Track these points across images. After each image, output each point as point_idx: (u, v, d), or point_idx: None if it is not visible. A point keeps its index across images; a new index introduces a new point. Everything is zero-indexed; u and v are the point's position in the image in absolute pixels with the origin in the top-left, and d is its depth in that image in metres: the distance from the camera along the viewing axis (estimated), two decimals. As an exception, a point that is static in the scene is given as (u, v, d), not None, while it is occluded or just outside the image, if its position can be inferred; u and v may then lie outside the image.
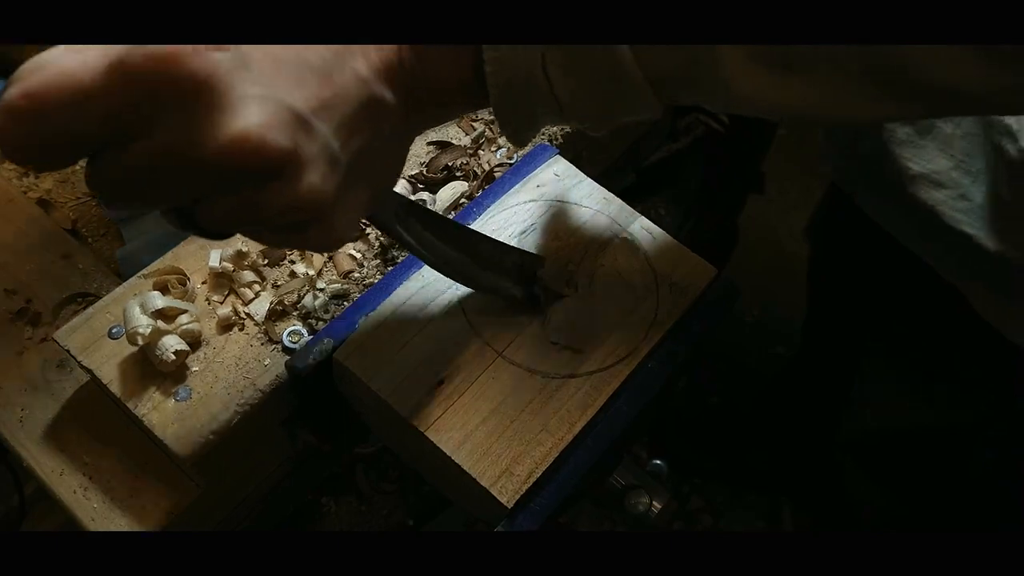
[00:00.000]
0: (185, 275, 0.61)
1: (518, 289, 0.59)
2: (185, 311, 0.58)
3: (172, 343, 0.56)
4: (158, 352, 0.56)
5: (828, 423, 1.15)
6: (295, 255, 0.64)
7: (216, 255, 0.62)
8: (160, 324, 0.57)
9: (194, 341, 0.59)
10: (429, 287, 0.60)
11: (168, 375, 0.57)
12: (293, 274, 0.63)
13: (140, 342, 0.55)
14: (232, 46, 0.35)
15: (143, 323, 0.55)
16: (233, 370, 0.58)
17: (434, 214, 0.57)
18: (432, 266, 0.56)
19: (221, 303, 0.61)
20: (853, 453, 1.11)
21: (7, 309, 0.66)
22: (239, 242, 0.63)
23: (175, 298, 0.60)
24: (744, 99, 0.45)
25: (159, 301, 0.57)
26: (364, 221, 0.63)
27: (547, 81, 0.44)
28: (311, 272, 0.63)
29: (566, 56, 0.43)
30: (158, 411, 0.56)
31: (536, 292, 0.59)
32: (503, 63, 0.43)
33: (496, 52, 0.43)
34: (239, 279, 0.62)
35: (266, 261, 0.63)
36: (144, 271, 0.62)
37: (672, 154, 1.07)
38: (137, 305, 0.56)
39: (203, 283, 0.62)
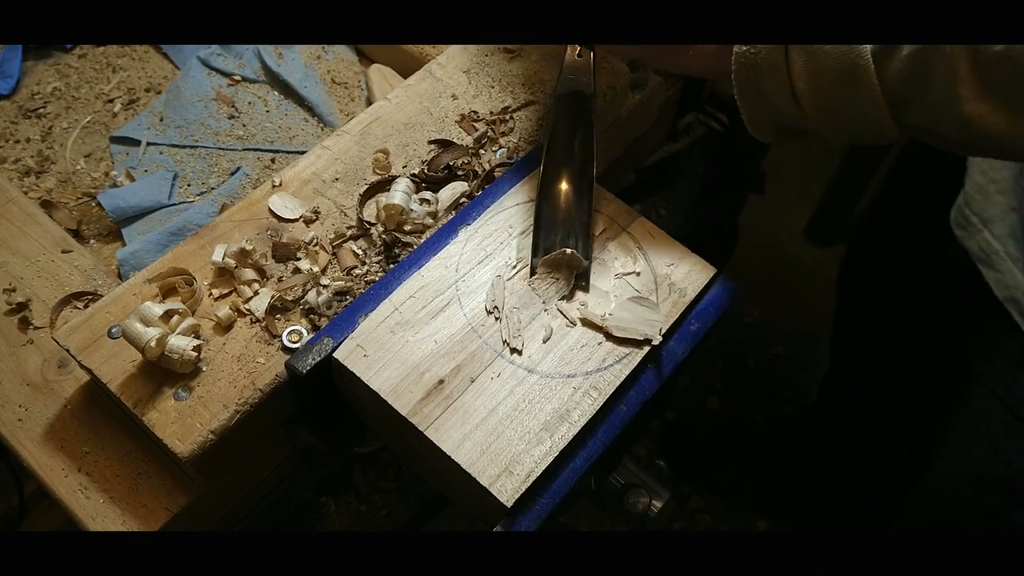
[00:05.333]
0: (191, 276, 0.61)
1: None
2: (177, 310, 0.58)
3: (184, 343, 0.56)
4: (175, 355, 0.56)
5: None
6: (301, 252, 0.64)
7: (220, 250, 0.61)
8: (163, 329, 0.57)
9: (196, 335, 0.59)
10: (429, 287, 0.60)
11: (177, 374, 0.57)
12: (297, 270, 0.63)
13: (155, 353, 0.55)
14: None
15: (151, 334, 0.55)
16: (233, 369, 0.58)
17: None
18: None
19: (222, 301, 0.61)
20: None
21: (7, 308, 0.66)
22: (244, 240, 0.63)
23: (182, 300, 0.60)
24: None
25: (157, 309, 0.57)
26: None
27: (786, 63, 0.52)
28: (315, 268, 0.63)
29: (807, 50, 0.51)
30: (158, 411, 0.56)
31: None
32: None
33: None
34: (240, 276, 0.62)
35: (270, 260, 0.63)
36: (144, 272, 0.62)
37: (672, 154, 1.07)
38: (137, 321, 0.56)
39: (205, 283, 0.62)
